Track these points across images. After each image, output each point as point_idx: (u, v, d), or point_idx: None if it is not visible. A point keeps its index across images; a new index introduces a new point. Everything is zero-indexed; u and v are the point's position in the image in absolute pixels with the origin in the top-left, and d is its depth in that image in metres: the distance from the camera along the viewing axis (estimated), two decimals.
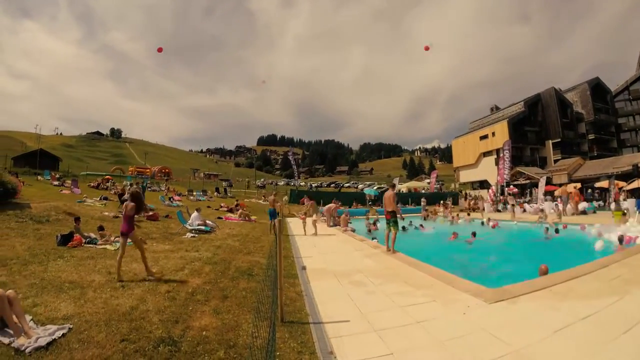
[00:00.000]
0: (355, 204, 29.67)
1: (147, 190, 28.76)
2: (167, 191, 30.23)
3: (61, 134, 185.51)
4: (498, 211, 25.54)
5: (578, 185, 26.85)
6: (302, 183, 62.26)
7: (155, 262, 7.39)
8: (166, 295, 5.19)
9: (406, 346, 3.63)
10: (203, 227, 12.88)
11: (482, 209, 26.42)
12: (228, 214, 20.05)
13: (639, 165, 27.11)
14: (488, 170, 45.21)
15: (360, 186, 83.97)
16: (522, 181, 39.16)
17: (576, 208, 20.41)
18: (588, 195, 29.22)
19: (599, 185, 30.20)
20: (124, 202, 14.91)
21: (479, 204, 28.16)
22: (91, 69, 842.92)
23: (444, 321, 4.29)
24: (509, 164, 31.29)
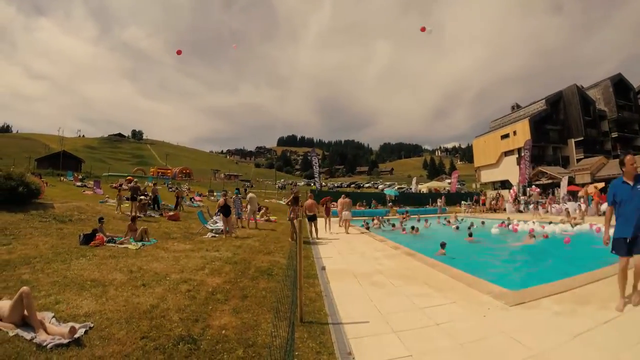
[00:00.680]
0: (375, 204, 29.66)
1: (168, 191, 29.24)
2: (187, 192, 30.62)
3: (83, 136, 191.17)
4: (520, 212, 25.07)
5: (599, 185, 26.02)
6: (323, 183, 62.13)
7: (176, 262, 7.50)
8: (186, 294, 5.25)
9: (425, 348, 3.59)
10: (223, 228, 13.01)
11: (504, 209, 25.98)
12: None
13: None
14: (509, 170, 44.31)
15: (380, 186, 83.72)
16: (544, 181, 38.24)
17: (597, 208, 19.88)
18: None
19: None
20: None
21: (500, 204, 27.71)
22: (109, 68, 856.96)
23: (464, 323, 4.21)
24: (530, 164, 30.65)
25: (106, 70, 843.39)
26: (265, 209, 20.25)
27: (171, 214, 15.38)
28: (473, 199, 31.02)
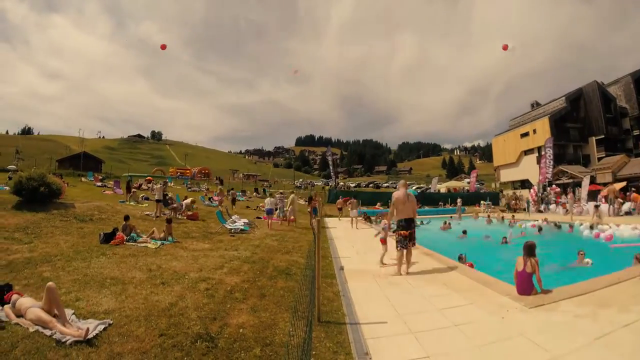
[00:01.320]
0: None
1: (188, 191, 29.59)
2: (206, 192, 30.88)
3: (103, 137, 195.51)
4: (540, 212, 24.63)
5: (619, 185, 25.26)
6: (341, 183, 61.88)
7: (195, 261, 7.60)
8: (205, 292, 5.31)
9: (443, 349, 3.55)
10: (242, 227, 13.18)
11: (524, 208, 25.53)
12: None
13: None
14: (529, 169, 43.37)
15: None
16: (564, 180, 37.39)
17: (619, 208, 19.39)
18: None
19: None
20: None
21: (520, 204, 27.26)
22: (125, 65, 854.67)
23: (482, 325, 4.16)
24: (551, 162, 29.99)
25: (122, 68, 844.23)
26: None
27: (190, 213, 15.54)
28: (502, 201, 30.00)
